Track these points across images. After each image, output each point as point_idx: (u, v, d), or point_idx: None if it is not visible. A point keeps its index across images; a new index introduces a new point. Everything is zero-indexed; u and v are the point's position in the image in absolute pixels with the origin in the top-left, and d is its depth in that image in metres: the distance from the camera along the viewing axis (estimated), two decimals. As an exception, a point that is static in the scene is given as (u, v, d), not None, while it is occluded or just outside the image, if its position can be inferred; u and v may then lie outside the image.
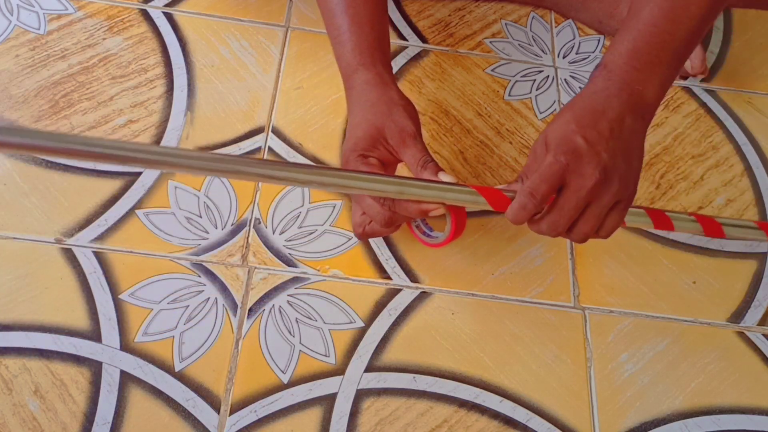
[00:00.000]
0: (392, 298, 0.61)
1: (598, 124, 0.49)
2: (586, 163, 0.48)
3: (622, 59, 0.52)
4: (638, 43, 0.52)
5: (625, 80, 0.51)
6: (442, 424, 0.56)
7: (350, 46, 0.58)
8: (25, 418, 0.53)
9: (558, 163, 0.48)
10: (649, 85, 0.52)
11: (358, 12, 0.59)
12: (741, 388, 0.61)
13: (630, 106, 0.51)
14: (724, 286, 0.66)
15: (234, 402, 0.55)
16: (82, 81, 0.70)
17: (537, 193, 0.49)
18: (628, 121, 0.50)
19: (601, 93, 0.51)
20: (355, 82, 0.58)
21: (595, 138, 0.49)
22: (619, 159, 0.49)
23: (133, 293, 0.59)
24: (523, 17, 0.83)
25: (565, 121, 0.50)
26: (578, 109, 0.51)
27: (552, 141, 0.49)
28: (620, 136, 0.50)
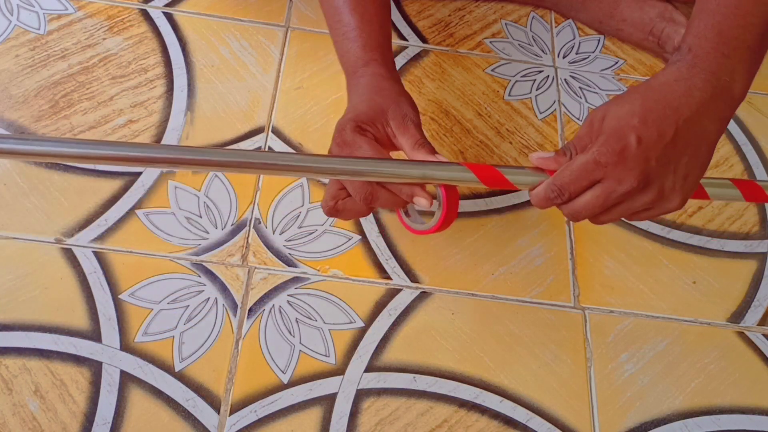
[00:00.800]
0: (392, 298, 0.61)
1: (664, 124, 0.44)
2: (628, 168, 0.44)
3: (708, 43, 0.46)
4: (724, 26, 0.46)
5: (713, 69, 0.45)
6: (442, 424, 0.56)
7: (360, 42, 0.57)
8: (25, 418, 0.53)
9: (598, 164, 0.45)
10: (737, 74, 0.46)
11: (367, 10, 0.58)
12: (741, 388, 0.61)
13: (712, 104, 0.45)
14: (724, 286, 0.66)
15: (234, 402, 0.55)
16: (82, 81, 0.70)
17: (565, 191, 0.47)
18: (702, 122, 0.45)
19: (682, 82, 0.45)
20: (364, 74, 0.56)
21: (653, 141, 0.44)
22: (670, 168, 0.45)
23: (133, 293, 0.59)
24: (523, 17, 0.83)
25: (629, 109, 0.45)
26: (650, 99, 0.45)
27: (607, 125, 0.45)
28: (684, 140, 0.45)
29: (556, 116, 0.75)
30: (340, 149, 0.52)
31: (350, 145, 0.51)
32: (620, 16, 0.80)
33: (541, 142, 0.73)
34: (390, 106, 0.54)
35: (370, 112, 0.53)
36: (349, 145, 0.51)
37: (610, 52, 0.81)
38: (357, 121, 0.52)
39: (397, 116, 0.53)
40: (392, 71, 0.58)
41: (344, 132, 0.51)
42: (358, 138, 0.51)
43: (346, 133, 0.51)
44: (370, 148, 0.51)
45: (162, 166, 0.53)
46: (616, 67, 0.80)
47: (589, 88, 0.78)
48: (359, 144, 0.51)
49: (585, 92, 0.77)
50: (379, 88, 0.55)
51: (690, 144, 0.46)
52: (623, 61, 0.81)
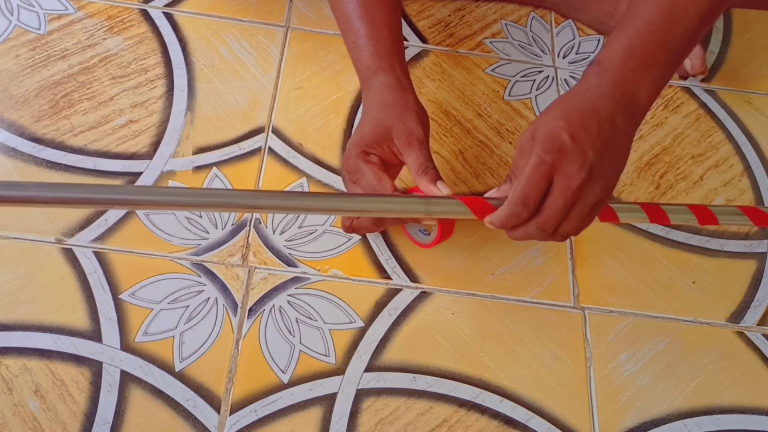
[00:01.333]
0: (392, 298, 0.61)
1: (587, 122, 0.48)
2: (572, 161, 0.47)
3: (617, 57, 0.50)
4: (634, 42, 0.50)
5: (619, 79, 0.50)
6: (442, 424, 0.56)
7: (369, 51, 0.59)
8: (26, 418, 0.53)
9: (544, 163, 0.47)
10: (642, 85, 0.50)
11: (375, 17, 0.59)
12: (741, 388, 0.61)
13: (621, 106, 0.49)
14: (724, 286, 0.66)
15: (234, 402, 0.55)
16: (83, 81, 0.70)
17: (529, 199, 0.48)
18: (618, 121, 0.49)
19: (593, 90, 0.50)
20: (373, 84, 0.58)
21: (583, 136, 0.48)
22: (606, 159, 0.48)
23: (134, 293, 0.59)
24: (523, 17, 0.83)
25: (553, 117, 0.49)
26: (568, 105, 0.50)
27: (538, 136, 0.48)
28: (609, 136, 0.49)
29: (556, 116, 0.75)
30: (349, 174, 0.57)
31: (355, 172, 0.56)
32: (620, 16, 0.80)
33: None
34: (395, 124, 0.56)
35: (374, 133, 0.56)
36: (354, 171, 0.56)
37: (610, 52, 0.81)
38: (361, 146, 0.55)
39: (402, 134, 0.56)
40: (401, 79, 0.59)
41: (350, 158, 0.56)
42: (362, 165, 0.55)
43: (352, 159, 0.56)
44: (372, 176, 0.55)
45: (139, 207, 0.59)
46: (616, 67, 0.80)
47: (589, 88, 0.78)
48: (363, 171, 0.55)
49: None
50: (385, 102, 0.57)
51: (612, 138, 0.49)
52: (623, 61, 0.81)
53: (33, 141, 0.65)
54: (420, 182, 0.54)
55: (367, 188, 0.55)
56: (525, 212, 0.49)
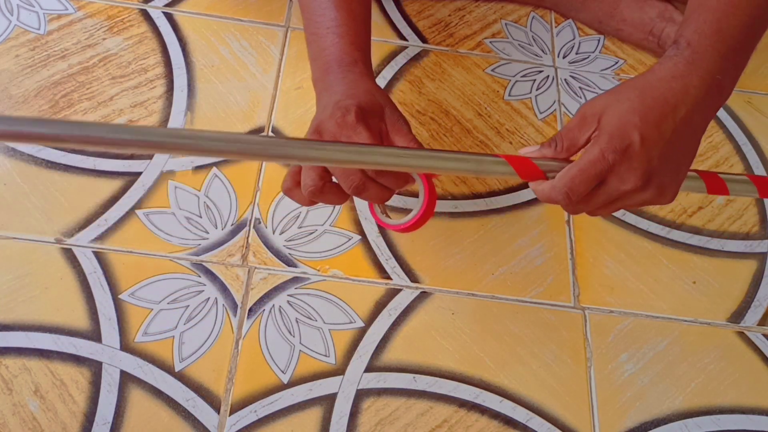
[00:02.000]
0: (392, 298, 0.61)
1: (664, 123, 0.44)
2: (633, 168, 0.44)
3: (707, 41, 0.45)
4: (723, 23, 0.45)
5: (710, 69, 0.45)
6: (442, 424, 0.56)
7: (348, 39, 0.55)
8: (25, 418, 0.53)
9: (605, 161, 0.44)
10: (728, 74, 0.46)
11: (353, 8, 0.56)
12: (741, 388, 0.61)
13: (706, 100, 0.45)
14: (724, 286, 0.66)
15: (234, 402, 0.55)
16: (82, 81, 0.70)
17: (573, 194, 0.46)
18: (696, 119, 0.45)
19: (680, 80, 0.45)
20: (351, 71, 0.54)
21: (654, 140, 0.44)
22: (670, 166, 0.46)
23: (133, 293, 0.59)
24: (523, 17, 0.83)
25: (629, 107, 0.45)
26: (649, 96, 0.45)
27: (607, 125, 0.45)
28: (681, 139, 0.45)
29: (556, 116, 0.75)
30: (339, 129, 0.49)
31: (351, 129, 0.49)
32: (620, 16, 0.80)
33: (541, 141, 0.73)
34: (387, 104, 0.53)
35: (371, 103, 0.51)
36: (351, 128, 0.49)
37: (610, 52, 0.81)
38: (359, 107, 0.50)
39: (392, 116, 0.53)
40: (374, 76, 0.57)
41: (348, 114, 0.49)
42: (361, 125, 0.49)
43: (350, 115, 0.49)
44: (369, 136, 0.49)
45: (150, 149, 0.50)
46: (616, 67, 0.80)
47: (589, 88, 0.78)
48: (360, 131, 0.49)
49: (585, 92, 0.77)
50: (372, 88, 0.54)
51: (685, 141, 0.46)
52: (623, 61, 0.81)
53: (33, 141, 0.65)
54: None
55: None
56: (565, 201, 0.47)
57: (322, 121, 0.50)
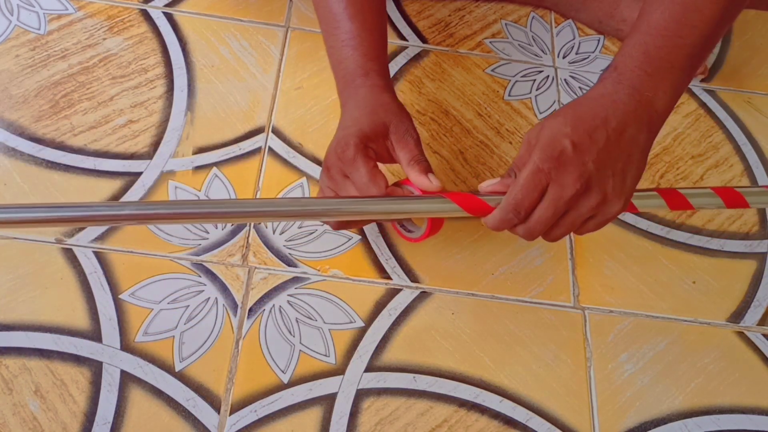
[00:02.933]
0: (392, 298, 0.61)
1: (595, 132, 0.47)
2: (568, 172, 0.47)
3: (633, 62, 0.49)
4: (650, 46, 0.49)
5: (636, 86, 0.49)
6: (442, 424, 0.56)
7: (361, 51, 0.58)
8: (26, 418, 0.53)
9: (541, 172, 0.47)
10: (659, 92, 0.49)
11: (367, 19, 0.58)
12: (741, 388, 0.61)
13: (636, 115, 0.49)
14: (724, 286, 0.66)
15: (234, 402, 0.55)
16: (83, 81, 0.70)
17: (521, 208, 0.48)
18: (630, 131, 0.48)
19: (608, 97, 0.49)
20: (363, 84, 0.57)
21: (586, 145, 0.47)
22: (608, 172, 0.48)
23: (134, 293, 0.59)
24: (523, 17, 0.83)
25: (562, 120, 0.48)
26: (580, 110, 0.49)
27: (541, 139, 0.48)
28: (616, 147, 0.48)
29: (556, 116, 0.75)
30: (341, 163, 0.54)
31: (351, 164, 0.53)
32: (620, 16, 0.80)
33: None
34: (392, 121, 0.55)
35: (373, 126, 0.54)
36: (351, 163, 0.53)
37: (610, 52, 0.81)
38: (360, 137, 0.53)
39: (398, 131, 0.55)
40: (389, 84, 0.58)
41: (348, 149, 0.53)
42: (360, 158, 0.53)
43: (350, 150, 0.53)
44: (367, 172, 0.53)
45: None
46: (616, 67, 0.80)
47: (589, 88, 0.78)
48: (358, 165, 0.53)
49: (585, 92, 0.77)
50: (381, 101, 0.56)
51: (622, 150, 0.48)
52: (623, 61, 0.81)
53: (33, 141, 0.65)
54: (410, 172, 0.53)
55: (360, 183, 0.53)
56: (516, 219, 0.49)
57: (328, 155, 0.55)
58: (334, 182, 0.55)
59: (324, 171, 0.56)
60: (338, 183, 0.55)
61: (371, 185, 0.53)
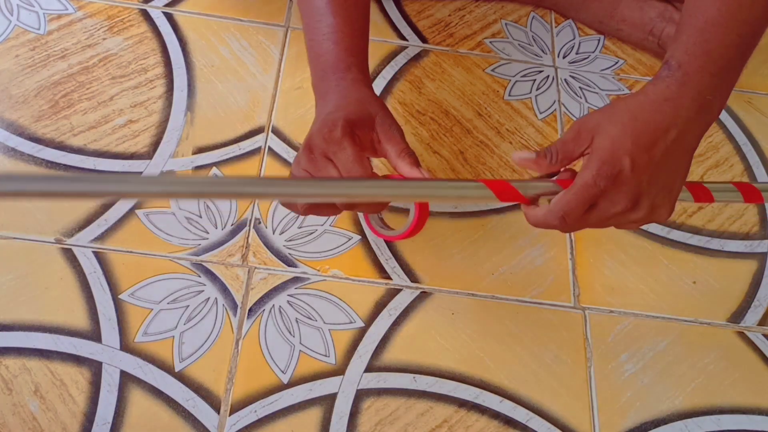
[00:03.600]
0: (392, 298, 0.61)
1: (655, 148, 0.46)
2: (623, 192, 0.46)
3: (698, 61, 0.46)
4: (712, 45, 0.46)
5: (700, 89, 0.46)
6: (442, 424, 0.56)
7: (344, 45, 0.56)
8: (25, 418, 0.53)
9: (596, 187, 0.46)
10: (719, 93, 0.47)
11: (351, 15, 0.57)
12: (741, 388, 0.61)
13: (696, 122, 0.47)
14: (724, 286, 0.66)
15: (234, 402, 0.55)
16: (82, 81, 0.70)
17: (568, 219, 0.48)
18: (687, 139, 0.47)
19: (671, 102, 0.46)
20: (345, 77, 0.55)
21: (644, 164, 0.46)
22: (659, 187, 0.47)
23: (133, 293, 0.59)
24: (523, 17, 0.83)
25: (621, 129, 0.46)
26: (641, 120, 0.46)
27: (599, 151, 0.46)
28: (671, 159, 0.46)
29: (556, 116, 0.75)
30: (326, 144, 0.51)
31: (337, 144, 0.50)
32: (620, 16, 0.80)
33: (541, 142, 0.73)
34: (378, 113, 0.53)
35: (360, 115, 0.52)
36: (336, 143, 0.50)
37: (610, 52, 0.81)
38: (347, 121, 0.51)
39: (384, 123, 0.53)
40: (369, 79, 0.57)
41: (335, 129, 0.50)
42: (347, 140, 0.50)
43: (337, 130, 0.50)
44: (353, 154, 0.50)
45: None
46: (616, 67, 0.80)
47: (589, 88, 0.78)
48: (345, 146, 0.50)
49: (585, 92, 0.77)
50: (364, 94, 0.54)
51: (673, 161, 0.47)
52: (623, 61, 0.81)
53: (33, 141, 0.65)
54: (400, 164, 0.51)
55: (345, 165, 0.50)
56: (560, 226, 0.49)
57: (312, 136, 0.52)
58: (313, 164, 0.52)
59: (304, 152, 0.52)
60: (318, 165, 0.51)
61: (357, 166, 0.50)
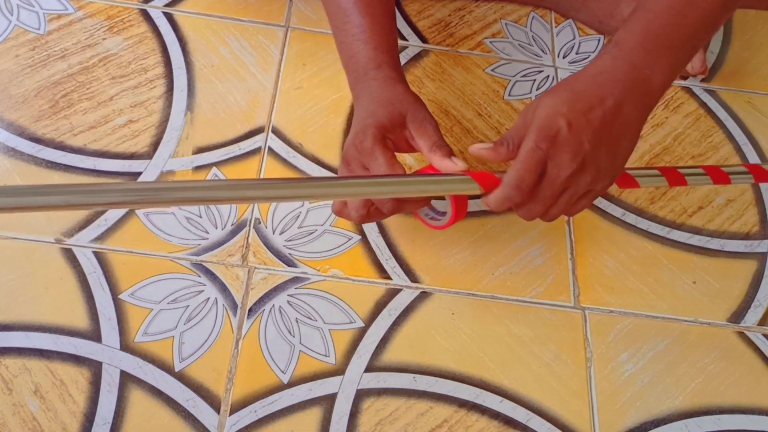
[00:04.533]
0: (392, 298, 0.61)
1: (591, 112, 0.48)
2: (565, 152, 0.48)
3: (634, 38, 0.50)
4: (652, 24, 0.50)
5: (634, 62, 0.49)
6: (442, 424, 0.56)
7: (372, 44, 0.58)
8: (25, 418, 0.53)
9: (539, 150, 0.48)
10: (657, 69, 0.49)
11: (377, 12, 0.59)
12: (741, 388, 0.61)
13: (633, 91, 0.49)
14: (724, 286, 0.66)
15: (234, 402, 0.55)
16: (82, 81, 0.70)
17: (523, 185, 0.49)
18: (626, 109, 0.49)
19: (606, 74, 0.49)
20: (376, 77, 0.57)
21: (582, 125, 0.48)
22: (603, 151, 0.49)
23: (133, 293, 0.59)
24: (523, 17, 0.83)
25: (558, 99, 0.49)
26: (577, 89, 0.49)
27: (537, 118, 0.48)
28: (611, 125, 0.48)
29: (556, 116, 0.75)
30: (359, 154, 0.54)
31: (369, 154, 0.53)
32: (620, 16, 0.80)
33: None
34: (408, 110, 0.55)
35: (390, 116, 0.54)
36: (369, 153, 0.53)
37: (610, 52, 0.81)
38: (377, 128, 0.53)
39: (415, 119, 0.55)
40: (402, 75, 0.59)
41: (366, 139, 0.53)
42: (378, 148, 0.53)
43: (368, 140, 0.53)
44: (386, 162, 0.53)
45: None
46: (616, 67, 0.80)
47: (589, 88, 0.78)
48: (377, 155, 0.53)
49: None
50: (395, 92, 0.56)
51: (617, 128, 0.49)
52: (623, 61, 0.81)
53: (33, 141, 0.65)
54: (433, 158, 0.54)
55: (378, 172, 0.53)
56: (518, 196, 0.50)
57: (347, 148, 0.55)
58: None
59: (343, 164, 0.56)
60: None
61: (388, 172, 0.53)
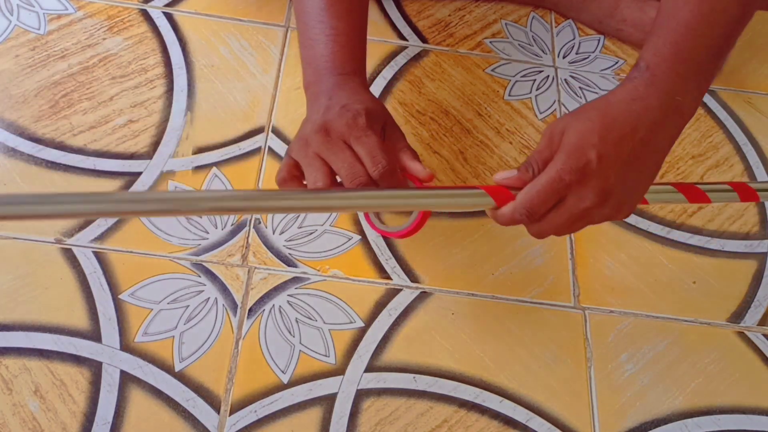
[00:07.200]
0: (392, 298, 0.61)
1: (622, 144, 0.46)
2: (590, 186, 0.46)
3: (666, 63, 0.47)
4: (681, 46, 0.47)
5: (669, 90, 0.47)
6: (442, 424, 0.56)
7: (347, 50, 0.57)
8: (25, 418, 0.53)
9: (562, 181, 0.46)
10: (689, 95, 0.47)
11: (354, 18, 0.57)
12: (741, 388, 0.61)
13: (665, 122, 0.47)
14: (724, 286, 0.66)
15: (234, 402, 0.55)
16: (82, 81, 0.70)
17: (534, 213, 0.48)
18: (657, 138, 0.47)
19: (639, 101, 0.47)
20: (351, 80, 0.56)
21: (612, 159, 0.46)
22: (627, 185, 0.47)
23: (133, 293, 0.59)
24: (523, 17, 0.83)
25: (589, 126, 0.46)
26: (609, 117, 0.47)
27: (567, 144, 0.46)
28: (639, 158, 0.47)
29: (557, 116, 0.75)
30: (349, 130, 0.51)
31: (362, 131, 0.51)
32: (620, 16, 0.80)
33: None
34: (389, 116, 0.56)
35: (377, 112, 0.54)
36: (362, 130, 0.51)
37: (610, 52, 0.81)
38: (369, 113, 0.52)
39: (392, 123, 0.55)
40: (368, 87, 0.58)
41: (359, 117, 0.51)
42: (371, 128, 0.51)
43: (361, 118, 0.51)
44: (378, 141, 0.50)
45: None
46: (616, 67, 0.80)
47: (589, 88, 0.78)
48: (370, 133, 0.51)
49: (585, 92, 0.77)
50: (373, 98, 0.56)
51: (641, 160, 0.47)
52: (623, 61, 0.81)
53: (33, 141, 0.65)
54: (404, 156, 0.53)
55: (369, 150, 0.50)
56: (527, 221, 0.49)
57: (330, 121, 0.51)
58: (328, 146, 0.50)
59: (318, 134, 0.51)
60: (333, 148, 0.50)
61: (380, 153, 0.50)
